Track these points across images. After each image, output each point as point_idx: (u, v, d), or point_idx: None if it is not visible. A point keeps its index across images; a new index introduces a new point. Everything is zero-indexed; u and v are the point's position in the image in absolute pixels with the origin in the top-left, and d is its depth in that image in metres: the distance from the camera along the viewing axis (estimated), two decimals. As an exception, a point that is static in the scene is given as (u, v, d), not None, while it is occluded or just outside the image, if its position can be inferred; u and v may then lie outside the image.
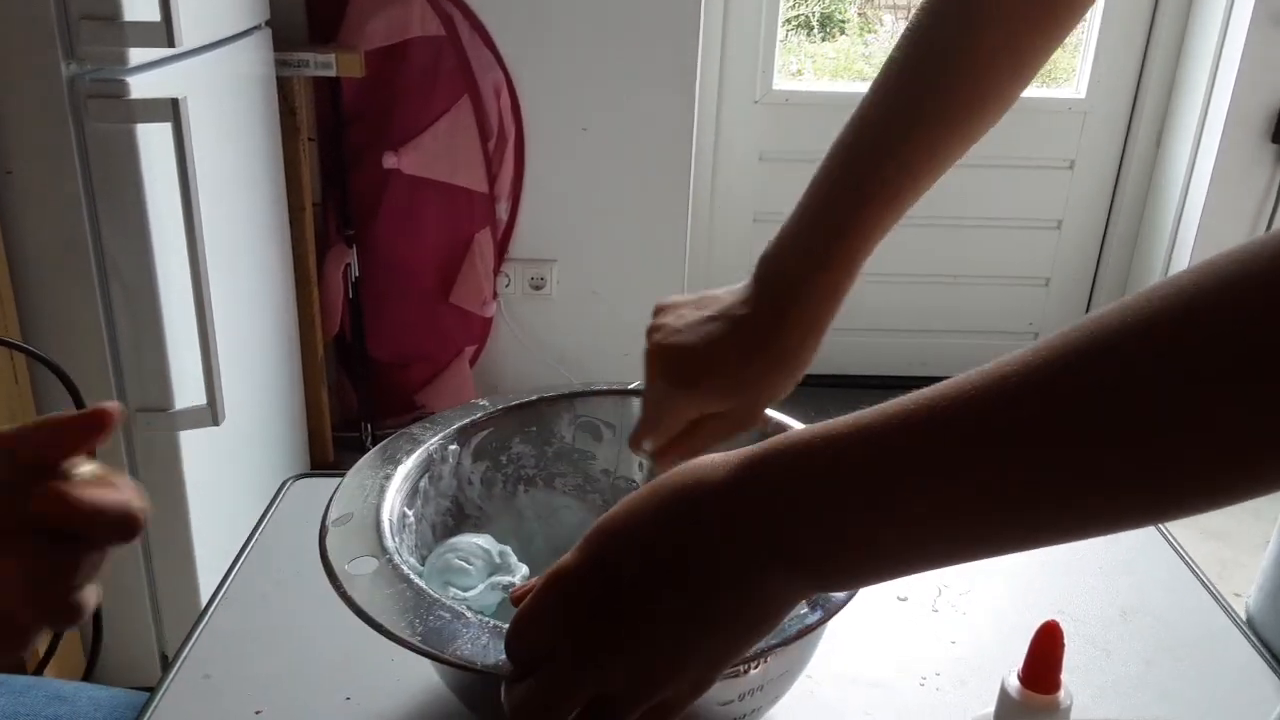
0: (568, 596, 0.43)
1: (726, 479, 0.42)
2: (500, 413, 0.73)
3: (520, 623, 0.44)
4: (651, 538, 0.42)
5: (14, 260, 1.39)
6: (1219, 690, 0.71)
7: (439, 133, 2.26)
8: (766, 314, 0.63)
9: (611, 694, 0.42)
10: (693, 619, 0.41)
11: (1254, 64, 2.35)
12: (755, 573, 0.41)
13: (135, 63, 1.37)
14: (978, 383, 0.38)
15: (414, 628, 0.53)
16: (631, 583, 0.42)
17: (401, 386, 2.52)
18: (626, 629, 0.42)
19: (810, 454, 0.40)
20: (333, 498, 0.63)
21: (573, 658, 0.42)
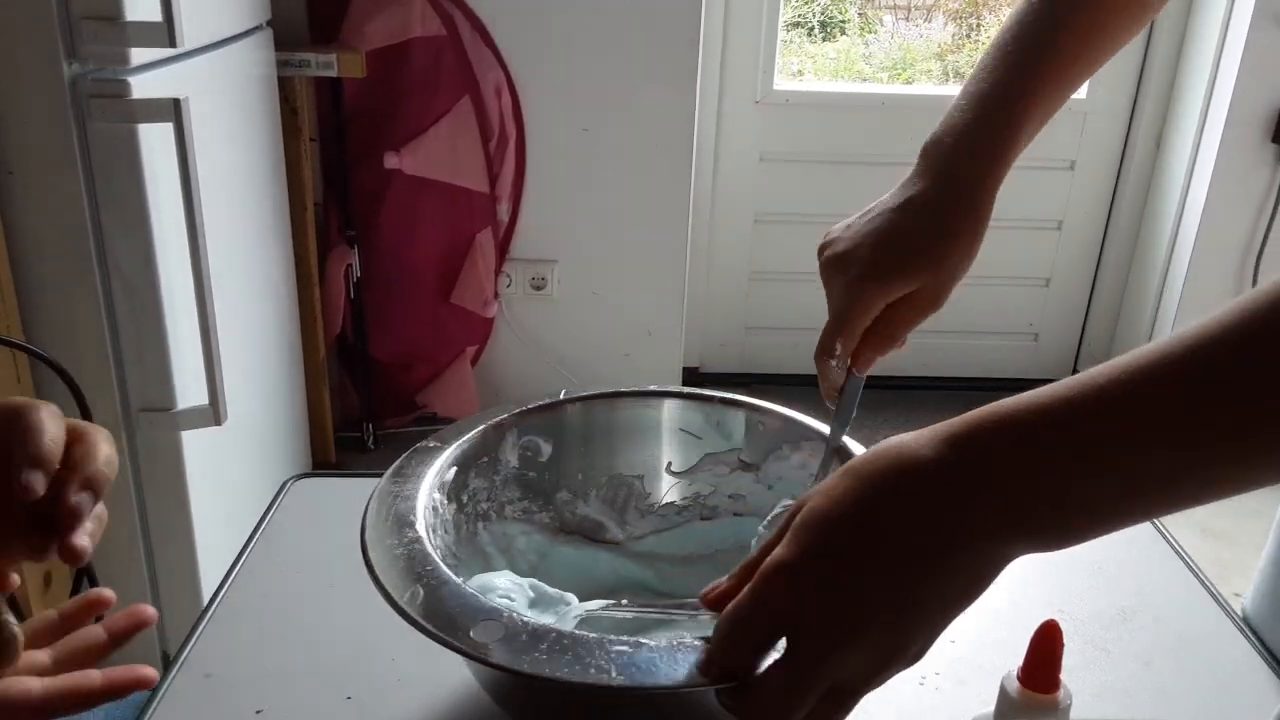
0: (791, 587, 0.44)
1: (935, 456, 0.44)
2: (461, 450, 0.70)
3: (739, 620, 0.46)
4: (868, 520, 0.44)
5: (16, 260, 1.39)
6: (1218, 690, 0.71)
7: (440, 133, 2.26)
8: (941, 184, 0.65)
9: (849, 682, 0.44)
10: (924, 592, 0.43)
11: (1254, 64, 2.35)
12: (978, 542, 0.43)
13: (137, 63, 1.37)
14: (1186, 339, 0.40)
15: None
16: (857, 565, 0.44)
17: (403, 387, 2.52)
18: (862, 610, 0.43)
19: (1021, 424, 0.43)
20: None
21: (811, 645, 0.44)
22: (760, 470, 0.77)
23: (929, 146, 0.67)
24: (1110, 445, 0.41)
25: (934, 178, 0.65)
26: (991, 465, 0.43)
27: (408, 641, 0.72)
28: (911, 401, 2.61)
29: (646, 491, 0.76)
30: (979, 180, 0.65)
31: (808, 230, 3.10)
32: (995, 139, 0.65)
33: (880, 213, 0.66)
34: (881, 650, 0.44)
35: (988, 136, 0.65)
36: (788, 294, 2.75)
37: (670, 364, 2.52)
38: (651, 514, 0.77)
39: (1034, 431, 0.42)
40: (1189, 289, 2.54)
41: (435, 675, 0.69)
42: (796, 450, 0.76)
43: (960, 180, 0.65)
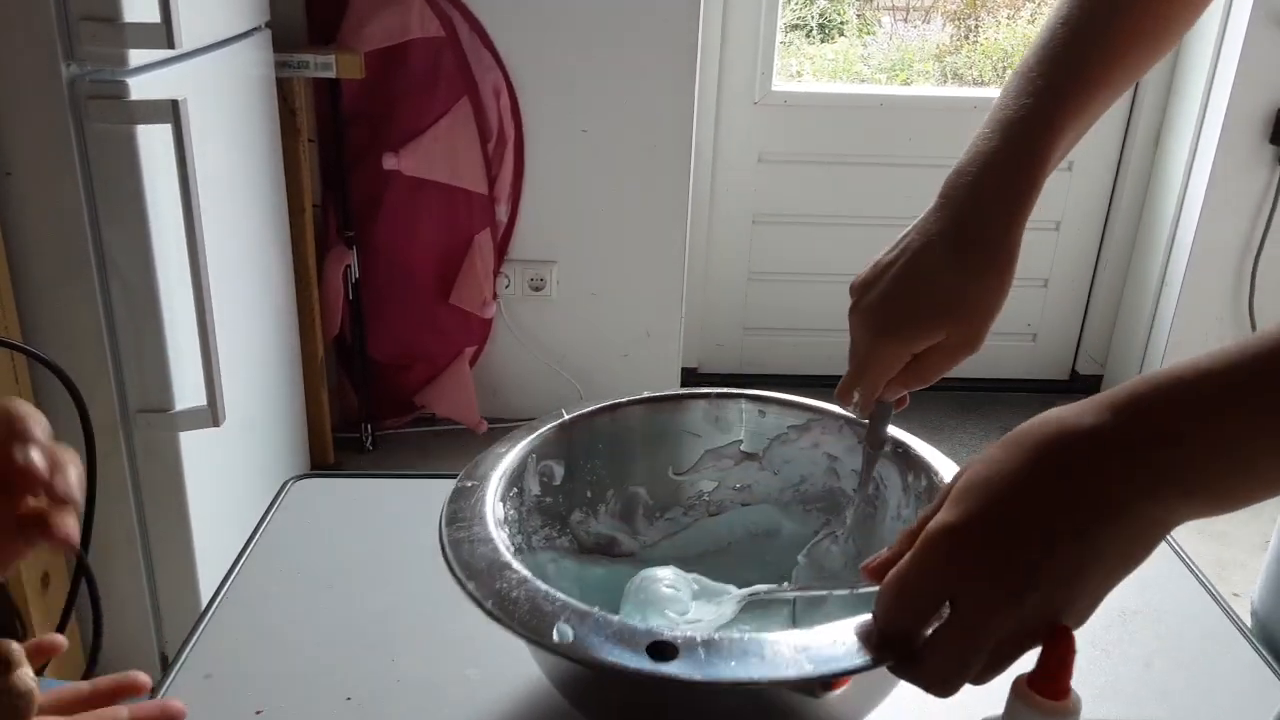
0: (957, 550, 0.46)
1: (1096, 423, 0.45)
2: (501, 485, 0.68)
3: (903, 586, 0.47)
4: (1031, 485, 0.45)
5: (14, 261, 1.39)
6: (1218, 690, 0.71)
7: (439, 134, 2.26)
8: (965, 221, 0.63)
9: (1014, 641, 0.46)
10: (1087, 556, 0.44)
11: (1252, 65, 2.35)
12: (1144, 506, 0.44)
13: (135, 64, 1.37)
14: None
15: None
16: (1021, 529, 0.45)
17: (401, 387, 2.52)
18: (1026, 573, 0.45)
19: (1182, 386, 0.44)
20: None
21: (978, 607, 0.45)
22: (764, 457, 0.77)
23: (953, 179, 0.65)
24: (1273, 404, 0.42)
25: (958, 213, 0.64)
26: (1152, 429, 0.44)
27: (408, 642, 0.72)
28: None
29: (651, 499, 0.76)
30: (1006, 217, 0.63)
31: (806, 231, 3.12)
32: (1022, 171, 0.63)
33: (904, 254, 0.65)
34: (1045, 613, 0.45)
35: (1014, 168, 0.63)
36: (786, 294, 2.75)
37: (669, 364, 2.52)
38: (660, 520, 0.77)
39: (1196, 394, 0.43)
40: (1187, 289, 2.55)
41: (435, 675, 0.69)
42: (805, 432, 0.76)
43: (986, 218, 0.63)
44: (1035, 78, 0.65)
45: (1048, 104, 0.64)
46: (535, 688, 0.68)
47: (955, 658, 0.46)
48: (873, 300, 0.65)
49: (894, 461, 0.71)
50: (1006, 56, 2.84)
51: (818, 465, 0.76)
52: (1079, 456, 0.45)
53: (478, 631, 0.73)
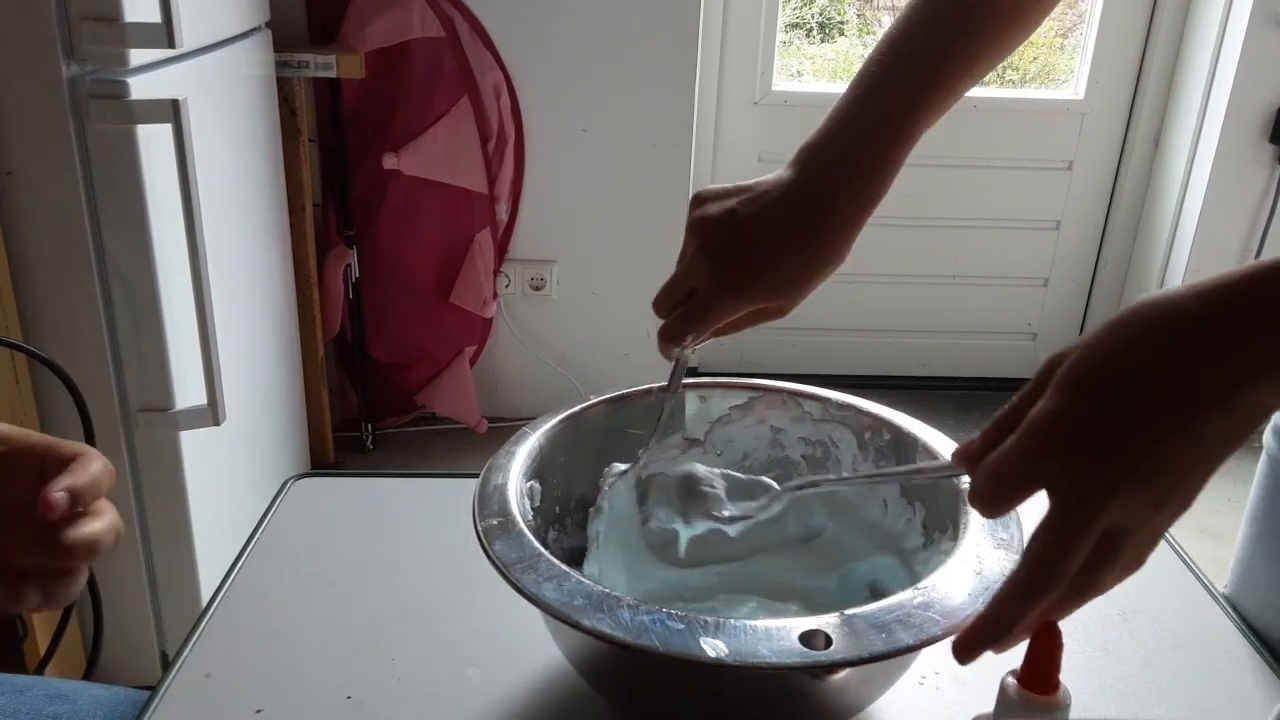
0: (1061, 438, 0.45)
1: (1202, 308, 0.45)
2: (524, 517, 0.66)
3: (1004, 472, 0.46)
4: (1132, 369, 0.45)
5: (15, 261, 1.39)
6: (1217, 690, 0.71)
7: (439, 134, 2.26)
8: (813, 204, 0.65)
9: (1114, 525, 0.45)
10: (1188, 440, 0.44)
11: (1252, 65, 2.35)
12: (1247, 391, 0.44)
13: (136, 64, 1.37)
14: None
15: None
16: (1123, 412, 0.45)
17: (402, 387, 2.52)
18: (1128, 457, 0.44)
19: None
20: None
21: (1080, 491, 0.45)
22: (706, 441, 0.78)
23: (808, 150, 0.67)
24: None
25: (806, 195, 0.65)
26: (1250, 313, 0.44)
27: (408, 642, 0.72)
28: (908, 401, 2.61)
29: (647, 439, 0.76)
30: (848, 209, 0.65)
31: (806, 231, 3.09)
32: (869, 171, 0.65)
33: (762, 212, 0.65)
34: (1151, 496, 0.45)
35: (862, 166, 0.65)
36: (786, 294, 2.75)
37: (669, 364, 2.52)
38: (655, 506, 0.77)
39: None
40: (1187, 289, 2.55)
41: (435, 675, 0.69)
42: (749, 410, 0.78)
43: (833, 197, 0.65)
44: (886, 76, 0.66)
45: (901, 105, 0.65)
46: (535, 687, 0.68)
47: (1057, 546, 0.46)
48: (726, 246, 0.65)
49: (846, 423, 0.74)
50: (1007, 56, 2.84)
51: (760, 440, 0.78)
52: (1177, 340, 0.45)
53: (478, 631, 0.73)
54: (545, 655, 0.68)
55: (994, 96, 2.71)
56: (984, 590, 0.54)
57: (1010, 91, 2.80)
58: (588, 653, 0.61)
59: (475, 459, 2.26)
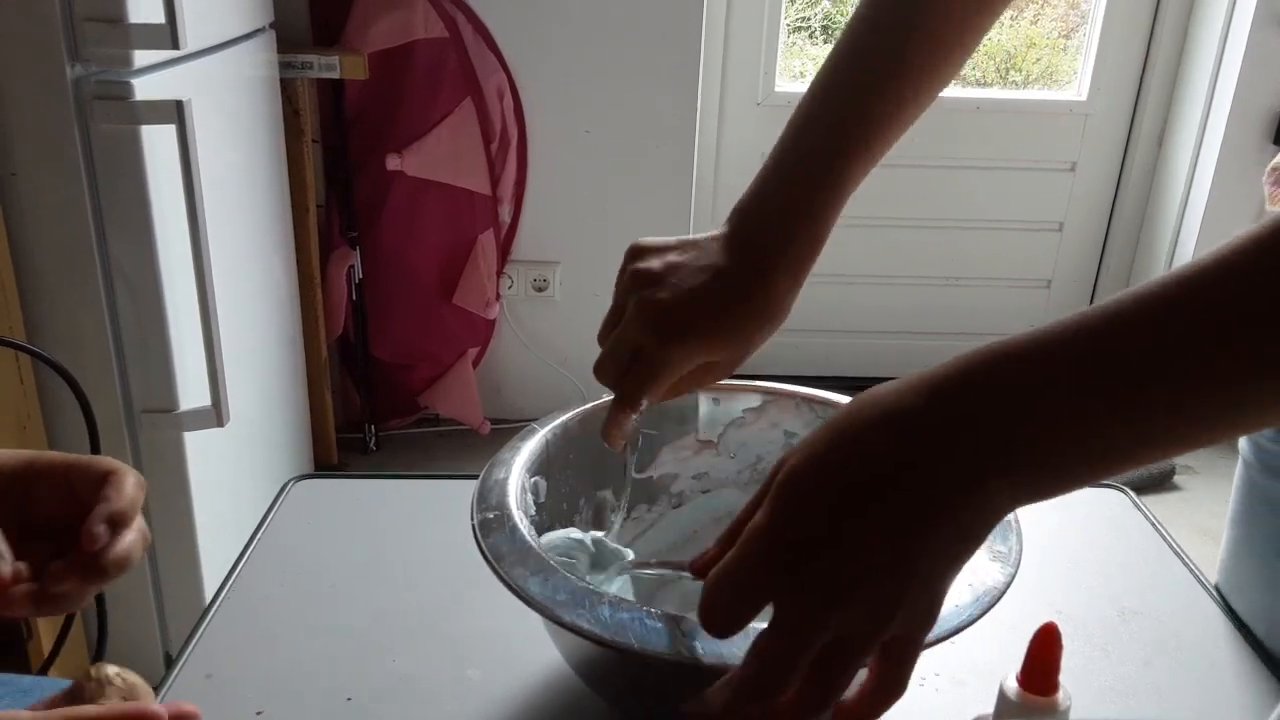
0: (772, 552, 0.43)
1: (917, 403, 0.42)
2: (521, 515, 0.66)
3: (722, 587, 0.44)
4: (851, 474, 0.42)
5: (19, 262, 1.39)
6: (1217, 690, 0.71)
7: (442, 135, 2.26)
8: (748, 266, 0.64)
9: (839, 638, 0.42)
10: (911, 545, 0.41)
11: (1255, 66, 2.35)
12: (972, 490, 0.41)
13: (140, 65, 1.37)
14: (1184, 277, 0.40)
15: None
16: (837, 520, 0.42)
17: (404, 388, 2.52)
18: (849, 567, 0.42)
19: (1004, 363, 0.42)
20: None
21: (796, 606, 0.42)
22: (720, 443, 0.78)
23: (741, 211, 0.66)
24: (1126, 381, 0.40)
25: (742, 254, 0.64)
26: (973, 408, 0.42)
27: (408, 642, 0.72)
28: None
29: (617, 502, 0.77)
30: (795, 251, 0.65)
31: (809, 232, 3.08)
32: (809, 205, 0.65)
33: (702, 268, 0.64)
34: (872, 609, 0.42)
35: (801, 200, 0.65)
36: (789, 295, 2.75)
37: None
38: (628, 521, 0.77)
39: (1018, 370, 0.42)
40: (1191, 291, 2.54)
41: (435, 675, 0.69)
42: (762, 414, 0.77)
43: (771, 257, 0.64)
44: (815, 128, 0.66)
45: (832, 159, 0.65)
46: (536, 688, 0.68)
47: (771, 665, 0.43)
48: (670, 299, 0.63)
49: None
50: (1008, 57, 2.84)
51: (774, 443, 0.77)
52: (895, 441, 0.42)
53: (478, 631, 0.73)
54: (545, 656, 0.69)
55: (997, 97, 2.71)
56: (973, 602, 0.54)
57: (1013, 92, 2.80)
58: (579, 652, 0.61)
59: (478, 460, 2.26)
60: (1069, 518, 0.90)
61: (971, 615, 0.53)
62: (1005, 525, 0.61)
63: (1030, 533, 0.61)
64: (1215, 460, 2.51)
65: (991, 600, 0.54)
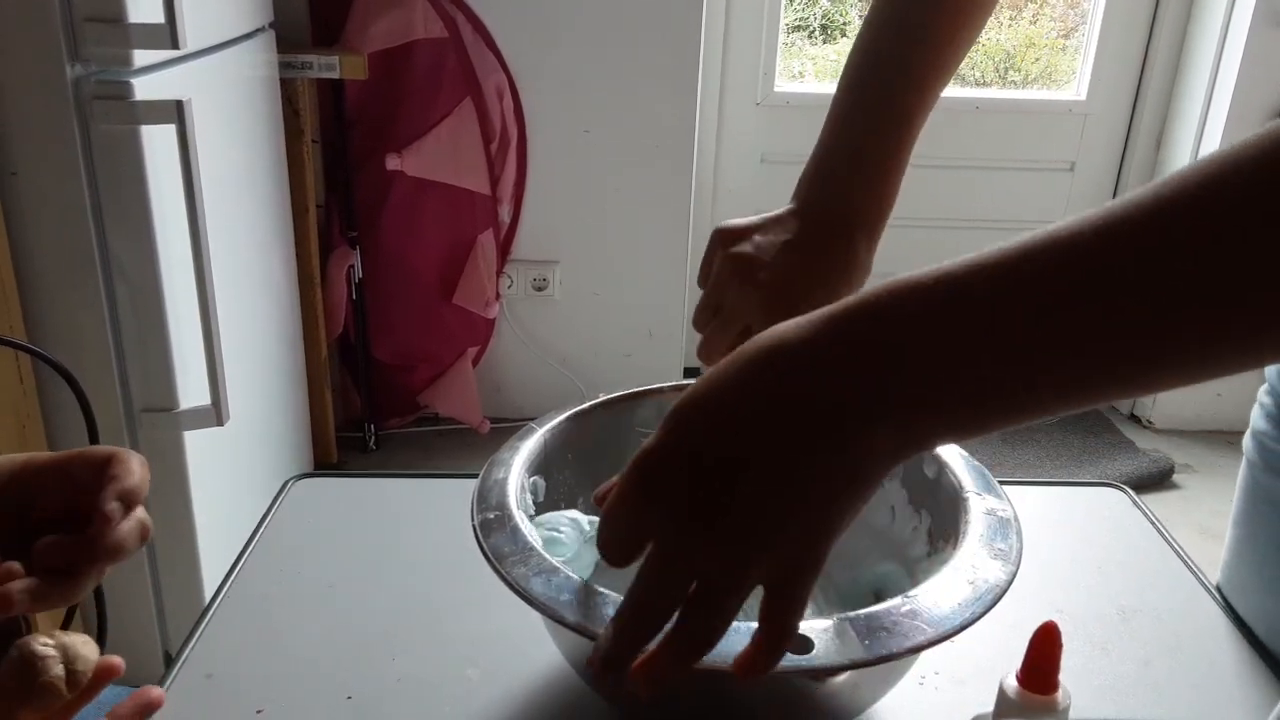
0: (652, 480, 0.41)
1: (811, 335, 0.40)
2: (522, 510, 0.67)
3: (607, 516, 0.42)
4: (734, 405, 0.40)
5: (19, 261, 1.39)
6: (1217, 690, 0.71)
7: (442, 135, 2.26)
8: (830, 233, 0.67)
9: (711, 579, 0.41)
10: (785, 485, 0.39)
11: (1254, 66, 2.35)
12: (851, 432, 0.39)
13: (140, 65, 1.37)
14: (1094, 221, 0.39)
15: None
16: (717, 455, 0.40)
17: (404, 387, 2.52)
18: (716, 504, 0.40)
19: (912, 291, 0.39)
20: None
21: (665, 544, 0.41)
22: None
23: (806, 185, 0.69)
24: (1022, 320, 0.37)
25: (821, 225, 0.67)
26: (868, 342, 0.39)
27: (408, 642, 0.72)
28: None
29: None
30: (861, 229, 0.67)
31: (809, 231, 3.08)
32: (874, 189, 0.67)
33: (788, 251, 0.67)
34: (738, 546, 0.40)
35: (865, 185, 0.67)
36: (789, 295, 2.75)
37: (671, 364, 2.52)
38: None
39: (936, 305, 0.39)
40: (1190, 290, 2.54)
41: (435, 675, 0.69)
42: None
43: (846, 231, 0.67)
44: (867, 93, 0.68)
45: (895, 119, 0.67)
46: (535, 688, 0.68)
47: (642, 593, 0.41)
48: (773, 279, 0.65)
49: None
50: (1008, 57, 2.84)
51: None
52: (788, 377, 0.40)
53: (478, 631, 0.73)
54: (545, 655, 0.69)
55: (996, 97, 2.71)
56: (975, 600, 0.54)
57: (1012, 92, 2.80)
58: (582, 651, 0.61)
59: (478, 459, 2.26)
60: (1069, 516, 0.90)
61: (975, 613, 0.53)
62: (1005, 523, 0.61)
63: (1030, 532, 0.61)
64: (1215, 459, 2.51)
65: (994, 598, 0.54)
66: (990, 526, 0.60)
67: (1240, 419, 0.81)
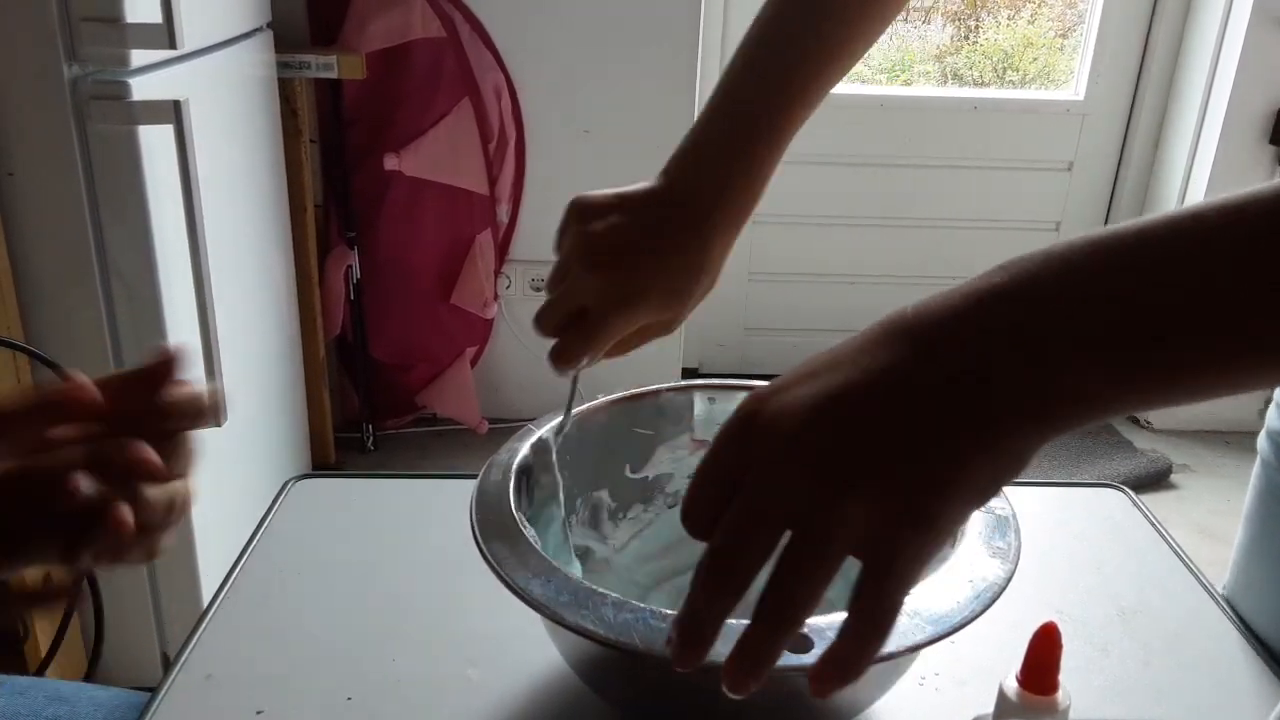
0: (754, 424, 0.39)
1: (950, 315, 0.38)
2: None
3: (699, 473, 0.40)
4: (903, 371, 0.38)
5: (16, 262, 1.39)
6: (1217, 690, 0.71)
7: (440, 134, 2.26)
8: (687, 225, 0.65)
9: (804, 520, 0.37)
10: (952, 468, 0.37)
11: (1252, 66, 2.36)
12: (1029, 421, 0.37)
13: (137, 64, 1.37)
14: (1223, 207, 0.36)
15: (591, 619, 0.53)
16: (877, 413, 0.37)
17: (403, 387, 2.52)
18: (822, 440, 0.37)
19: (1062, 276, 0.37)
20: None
21: (756, 483, 0.38)
22: None
23: (674, 170, 0.67)
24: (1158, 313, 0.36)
25: (681, 216, 0.65)
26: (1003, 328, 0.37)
27: (408, 642, 0.72)
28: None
29: (614, 501, 0.77)
30: (720, 228, 0.66)
31: (806, 231, 3.11)
32: (739, 187, 0.66)
33: (640, 235, 0.65)
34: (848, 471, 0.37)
35: (734, 176, 0.66)
36: (787, 295, 2.75)
37: (669, 365, 2.52)
38: (624, 520, 0.77)
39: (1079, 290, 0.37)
40: (1188, 290, 2.54)
41: (435, 675, 0.69)
42: None
43: (703, 226, 0.66)
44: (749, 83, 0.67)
45: (768, 112, 0.66)
46: (535, 688, 0.68)
47: (727, 543, 0.38)
48: (612, 262, 0.64)
49: None
50: (1006, 57, 2.85)
51: None
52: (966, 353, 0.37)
53: (478, 631, 0.73)
54: (545, 656, 0.69)
55: (993, 97, 2.71)
56: (974, 598, 0.54)
57: (1010, 92, 2.80)
58: (581, 652, 0.61)
59: (476, 460, 2.26)
60: (1068, 517, 0.90)
61: (974, 611, 0.53)
62: (1004, 522, 0.61)
63: (1030, 531, 0.61)
64: (1213, 459, 2.51)
65: (992, 596, 0.54)
66: (989, 525, 0.60)
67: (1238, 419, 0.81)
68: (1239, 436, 2.56)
